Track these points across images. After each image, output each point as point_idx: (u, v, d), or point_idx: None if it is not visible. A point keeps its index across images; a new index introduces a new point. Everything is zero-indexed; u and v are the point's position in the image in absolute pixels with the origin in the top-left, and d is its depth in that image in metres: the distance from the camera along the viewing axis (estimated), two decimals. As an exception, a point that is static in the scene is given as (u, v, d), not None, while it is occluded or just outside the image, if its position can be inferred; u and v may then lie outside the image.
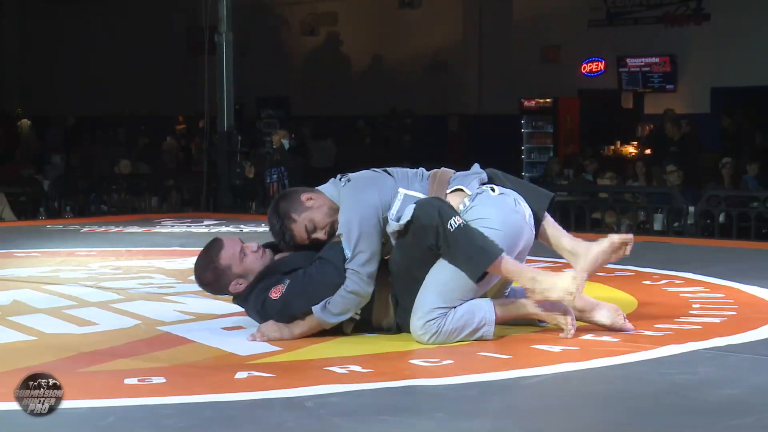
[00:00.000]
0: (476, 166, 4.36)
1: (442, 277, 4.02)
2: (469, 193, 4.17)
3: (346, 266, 4.04)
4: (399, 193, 4.14)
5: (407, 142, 19.51)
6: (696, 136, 14.13)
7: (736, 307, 4.85)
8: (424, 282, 4.05)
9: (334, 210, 4.17)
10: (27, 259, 6.92)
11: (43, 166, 15.65)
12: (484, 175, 4.29)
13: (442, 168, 4.33)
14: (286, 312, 4.09)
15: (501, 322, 4.16)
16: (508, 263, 4.02)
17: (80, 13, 22.84)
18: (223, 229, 9.08)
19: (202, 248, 4.34)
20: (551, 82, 17.92)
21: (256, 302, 4.16)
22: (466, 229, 3.98)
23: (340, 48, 21.62)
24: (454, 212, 4.02)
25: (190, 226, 9.36)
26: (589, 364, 3.68)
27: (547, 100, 17.76)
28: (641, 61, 17.41)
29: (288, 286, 4.08)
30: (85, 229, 9.10)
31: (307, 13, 21.90)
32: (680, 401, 3.24)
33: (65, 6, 22.84)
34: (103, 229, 9.16)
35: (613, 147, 17.19)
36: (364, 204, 4.09)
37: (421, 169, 4.33)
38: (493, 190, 4.20)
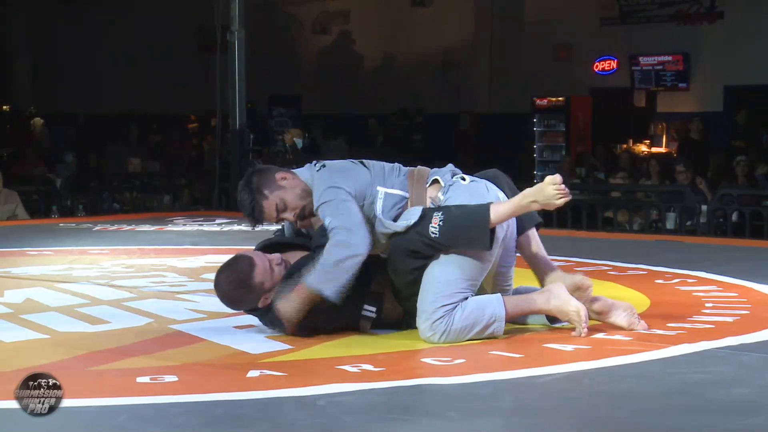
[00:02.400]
0: (450, 166, 4.37)
1: (437, 275, 4.02)
2: (443, 184, 4.18)
3: (330, 237, 4.00)
4: (379, 191, 4.15)
5: (418, 141, 19.52)
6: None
7: (749, 306, 4.83)
8: (422, 285, 4.04)
9: (307, 193, 4.18)
10: (40, 257, 6.94)
11: (55, 165, 15.69)
12: (458, 171, 4.32)
13: (419, 166, 4.33)
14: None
15: (511, 319, 4.16)
16: (498, 210, 4.01)
17: (92, 11, 22.88)
18: (235, 227, 9.10)
19: (223, 265, 4.21)
20: (563, 80, 17.89)
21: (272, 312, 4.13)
22: (445, 224, 3.96)
23: (352, 46, 21.62)
24: (426, 220, 3.99)
25: (202, 225, 9.37)
26: (600, 363, 3.67)
27: (560, 98, 17.73)
28: (654, 60, 17.36)
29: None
30: (97, 228, 9.12)
31: (319, 11, 21.90)
32: (692, 401, 3.23)
33: (76, 5, 22.88)
34: (115, 227, 9.18)
35: (625, 145, 17.16)
36: (336, 184, 4.09)
37: (397, 165, 4.33)
38: (463, 179, 4.22)
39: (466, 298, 4.05)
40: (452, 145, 18.93)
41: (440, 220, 3.98)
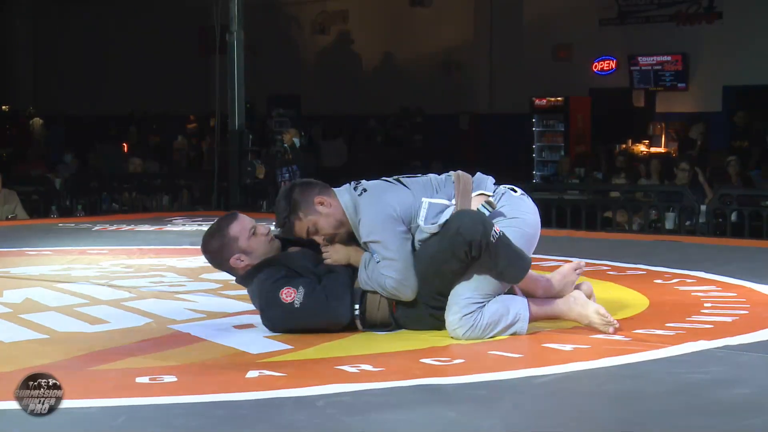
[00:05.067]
0: (490, 178, 4.41)
1: (475, 276, 4.08)
2: (490, 194, 4.22)
3: (381, 270, 4.08)
4: (423, 202, 4.15)
5: (418, 141, 19.52)
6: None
7: (748, 306, 4.83)
8: (459, 282, 4.09)
9: (341, 223, 4.19)
10: (39, 257, 6.94)
11: (55, 165, 15.69)
12: (492, 179, 4.38)
13: (459, 171, 4.32)
14: (301, 321, 4.11)
15: (534, 320, 4.19)
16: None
17: (92, 12, 22.88)
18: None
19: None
20: (562, 80, 17.90)
21: (260, 290, 4.19)
22: (504, 239, 4.06)
23: (351, 47, 21.63)
24: (492, 223, 4.07)
25: (201, 225, 9.36)
26: (599, 363, 3.67)
27: (559, 98, 17.73)
28: (653, 60, 17.37)
29: (305, 297, 4.10)
30: (96, 228, 9.12)
31: (318, 11, 21.91)
32: (691, 401, 3.23)
33: (77, 5, 22.88)
34: (114, 227, 9.18)
35: (624, 146, 17.16)
36: (385, 211, 4.11)
37: (435, 177, 4.33)
38: (514, 191, 4.32)
39: None
40: (452, 145, 18.94)
41: (501, 232, 4.05)
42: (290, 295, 4.10)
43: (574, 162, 15.92)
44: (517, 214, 4.21)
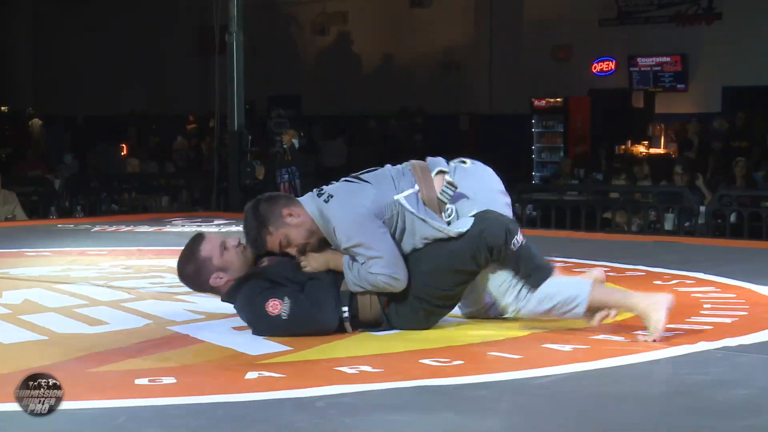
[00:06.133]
0: (439, 158, 4.44)
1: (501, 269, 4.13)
2: (447, 170, 4.25)
3: (368, 270, 4.08)
4: (395, 201, 4.15)
5: (418, 142, 19.52)
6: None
7: (747, 307, 4.83)
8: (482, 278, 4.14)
9: (311, 232, 4.19)
10: (38, 258, 6.94)
11: (54, 166, 15.69)
12: (443, 159, 4.42)
13: (412, 161, 4.35)
14: (289, 331, 4.11)
15: (595, 303, 4.12)
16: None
17: (92, 13, 22.89)
18: (233, 228, 9.09)
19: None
20: (562, 81, 17.91)
21: (244, 304, 4.19)
22: (525, 249, 4.09)
23: (351, 47, 21.64)
24: (516, 228, 4.10)
25: (200, 226, 9.36)
26: (600, 363, 3.67)
27: (558, 99, 17.74)
28: (652, 61, 17.39)
29: (291, 307, 4.10)
30: (96, 229, 9.12)
31: (318, 12, 21.92)
32: (691, 401, 3.23)
33: (77, 5, 22.89)
34: (113, 228, 9.18)
35: (624, 146, 17.18)
36: (357, 212, 4.11)
37: (390, 167, 4.34)
38: (464, 162, 4.37)
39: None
40: (452, 145, 18.94)
41: (523, 241, 4.08)
42: (276, 307, 4.10)
43: (574, 163, 15.93)
44: (483, 200, 4.21)
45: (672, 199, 10.76)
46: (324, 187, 4.29)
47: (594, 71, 18.21)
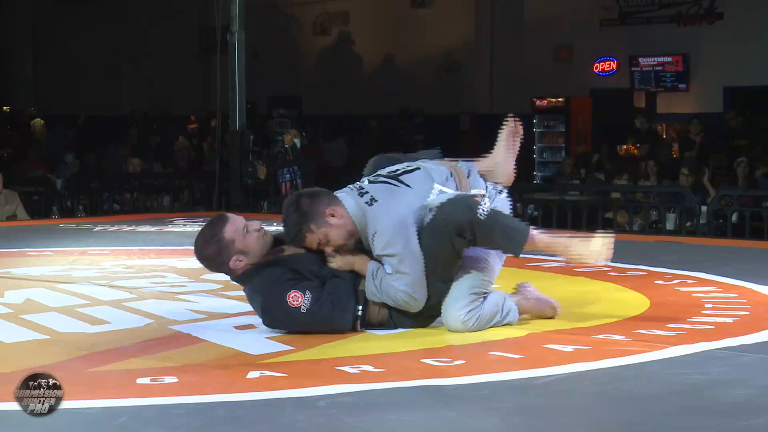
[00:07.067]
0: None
1: (472, 272, 4.19)
2: (485, 193, 4.37)
3: (392, 283, 4.11)
4: (434, 189, 4.22)
5: (419, 142, 19.50)
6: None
7: (748, 307, 4.83)
8: (458, 277, 4.18)
9: (351, 234, 4.17)
10: (40, 258, 6.94)
11: (56, 166, 15.69)
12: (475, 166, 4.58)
13: (452, 164, 4.46)
14: (304, 326, 4.13)
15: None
16: (539, 235, 4.22)
17: (92, 12, 22.89)
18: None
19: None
20: (563, 81, 17.90)
21: (265, 288, 4.18)
22: (493, 215, 4.11)
23: (352, 47, 21.64)
24: (478, 202, 4.13)
25: (202, 225, 9.36)
26: (600, 363, 3.67)
27: (559, 99, 17.73)
28: (654, 61, 17.38)
29: (312, 303, 4.10)
30: (97, 228, 9.12)
31: (319, 12, 21.93)
32: (692, 401, 3.23)
33: (77, 6, 22.89)
34: (115, 228, 9.18)
35: (625, 147, 17.17)
36: (400, 223, 4.11)
37: (429, 167, 4.38)
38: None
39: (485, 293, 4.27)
40: (453, 145, 18.92)
41: (489, 208, 4.13)
42: (297, 299, 4.10)
43: (577, 163, 15.92)
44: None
45: (673, 199, 10.77)
46: (365, 184, 4.27)
47: (595, 71, 18.20)
